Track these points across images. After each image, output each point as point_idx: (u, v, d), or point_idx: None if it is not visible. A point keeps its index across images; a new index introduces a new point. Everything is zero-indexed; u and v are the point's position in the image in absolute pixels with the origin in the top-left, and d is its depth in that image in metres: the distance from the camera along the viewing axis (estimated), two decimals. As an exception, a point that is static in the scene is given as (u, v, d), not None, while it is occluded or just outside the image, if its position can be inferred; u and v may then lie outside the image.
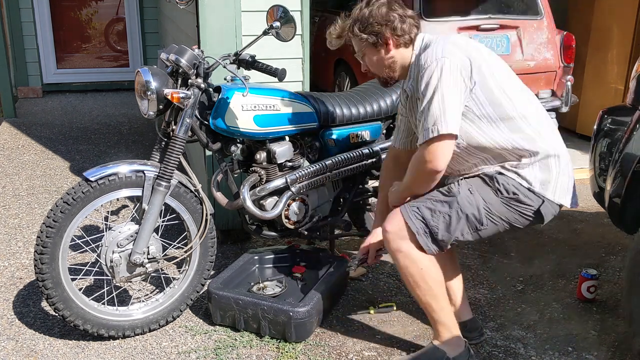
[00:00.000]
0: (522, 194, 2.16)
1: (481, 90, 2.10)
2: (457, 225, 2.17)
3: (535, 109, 2.23)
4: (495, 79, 2.13)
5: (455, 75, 2.06)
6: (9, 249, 3.43)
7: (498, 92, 2.13)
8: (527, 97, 2.21)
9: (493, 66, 2.15)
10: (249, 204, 2.68)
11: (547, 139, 2.19)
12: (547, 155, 2.18)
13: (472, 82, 2.09)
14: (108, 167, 2.46)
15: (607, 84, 5.42)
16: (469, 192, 2.17)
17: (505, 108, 2.13)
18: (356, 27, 2.24)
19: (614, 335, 2.65)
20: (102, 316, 2.53)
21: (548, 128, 2.23)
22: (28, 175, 4.63)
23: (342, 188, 3.08)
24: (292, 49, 3.37)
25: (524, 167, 2.16)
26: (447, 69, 2.06)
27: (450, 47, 2.10)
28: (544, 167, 2.17)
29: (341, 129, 2.96)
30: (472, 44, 2.20)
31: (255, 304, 2.56)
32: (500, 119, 2.14)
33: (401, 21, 2.19)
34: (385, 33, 2.19)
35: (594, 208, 4.07)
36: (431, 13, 4.86)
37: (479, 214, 2.16)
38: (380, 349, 2.55)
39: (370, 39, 2.23)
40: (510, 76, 2.21)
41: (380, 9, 2.19)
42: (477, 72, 2.10)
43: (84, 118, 6.45)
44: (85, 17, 7.93)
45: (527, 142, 2.15)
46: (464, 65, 2.08)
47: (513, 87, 2.18)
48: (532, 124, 2.17)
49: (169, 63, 2.53)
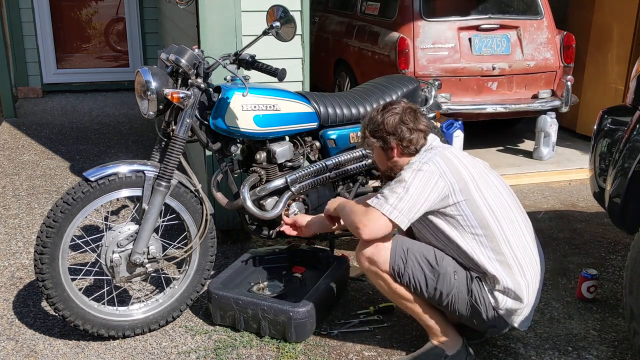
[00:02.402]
0: (484, 310, 2.25)
1: (468, 206, 2.19)
2: (429, 290, 2.26)
3: (525, 245, 2.27)
4: (485, 200, 2.21)
5: (429, 183, 2.16)
6: (9, 249, 3.43)
7: (487, 213, 2.21)
8: (519, 230, 2.27)
9: (483, 188, 2.22)
10: (249, 204, 2.68)
11: (526, 274, 2.24)
12: (521, 289, 2.23)
13: (453, 198, 2.18)
14: (108, 167, 2.46)
15: (607, 84, 5.42)
16: (453, 276, 2.25)
17: (492, 230, 2.21)
18: (368, 130, 2.39)
19: (614, 334, 2.65)
20: (102, 316, 2.53)
21: (530, 266, 2.27)
22: (28, 175, 4.63)
23: (342, 188, 3.08)
24: (292, 49, 3.36)
25: (498, 293, 2.24)
26: (423, 172, 2.17)
27: (439, 160, 2.20)
28: (517, 299, 2.25)
29: (341, 129, 2.96)
30: (467, 162, 2.26)
31: (255, 304, 2.56)
32: (485, 237, 2.21)
33: (409, 133, 2.30)
34: (392, 142, 2.32)
35: (594, 208, 4.07)
36: (431, 13, 4.86)
37: (447, 296, 2.26)
38: (380, 349, 2.55)
39: (378, 143, 2.36)
40: (504, 204, 2.26)
41: (392, 118, 2.31)
42: (463, 191, 2.18)
43: (84, 118, 6.45)
44: (85, 17, 7.93)
45: (504, 271, 2.21)
46: (442, 180, 2.17)
47: (505, 214, 2.25)
48: (517, 256, 2.23)
49: (169, 63, 2.53)
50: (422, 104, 3.31)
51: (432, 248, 2.28)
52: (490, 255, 2.21)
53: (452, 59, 4.81)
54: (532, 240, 2.31)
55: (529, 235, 2.31)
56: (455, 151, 2.29)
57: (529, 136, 5.69)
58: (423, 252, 2.26)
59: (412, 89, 3.18)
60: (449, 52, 4.81)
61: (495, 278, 2.21)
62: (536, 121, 5.05)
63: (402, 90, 3.14)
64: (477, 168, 2.27)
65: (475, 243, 2.22)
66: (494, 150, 5.37)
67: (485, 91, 4.95)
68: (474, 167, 2.26)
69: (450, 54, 4.81)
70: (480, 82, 4.92)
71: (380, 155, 2.40)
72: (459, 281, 2.24)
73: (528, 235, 2.30)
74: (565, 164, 4.98)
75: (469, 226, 2.21)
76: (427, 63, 4.76)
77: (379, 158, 2.42)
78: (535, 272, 2.28)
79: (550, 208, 4.14)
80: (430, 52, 4.77)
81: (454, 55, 4.82)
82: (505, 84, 4.98)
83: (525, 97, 5.04)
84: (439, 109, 3.50)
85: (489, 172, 2.33)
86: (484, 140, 5.60)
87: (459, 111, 4.77)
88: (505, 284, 2.21)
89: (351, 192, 3.07)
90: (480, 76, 4.89)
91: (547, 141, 5.02)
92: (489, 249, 2.21)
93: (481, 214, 2.19)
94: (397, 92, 3.11)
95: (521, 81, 5.02)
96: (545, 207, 4.16)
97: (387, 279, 2.29)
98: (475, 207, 2.19)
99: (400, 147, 2.32)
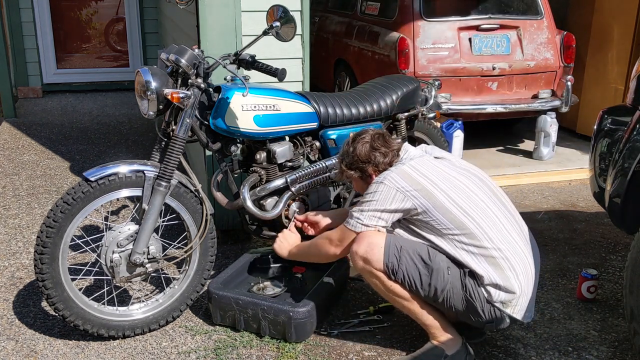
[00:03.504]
0: (480, 304, 2.26)
1: (438, 211, 2.24)
2: (424, 286, 2.28)
3: (507, 237, 2.28)
4: (454, 202, 2.24)
5: (386, 198, 2.25)
6: (9, 249, 3.43)
7: (458, 213, 2.23)
8: (499, 223, 2.28)
9: (449, 191, 2.25)
10: (249, 204, 2.68)
11: (514, 265, 2.25)
12: (510, 281, 2.24)
13: (419, 207, 2.23)
14: (108, 167, 2.45)
15: (607, 84, 5.42)
16: (446, 271, 2.26)
17: (470, 228, 2.23)
18: (344, 164, 2.47)
19: (615, 335, 2.65)
20: (102, 316, 2.53)
21: (517, 257, 2.28)
22: (28, 175, 4.63)
23: (342, 188, 3.08)
24: (292, 49, 3.36)
25: (490, 287, 2.26)
26: (381, 190, 2.27)
27: (393, 176, 2.27)
28: (508, 291, 2.26)
29: (341, 129, 2.96)
30: (426, 171, 2.29)
31: (255, 304, 2.56)
32: (464, 236, 2.24)
33: (383, 157, 2.39)
34: (368, 169, 2.41)
35: (594, 208, 4.07)
36: (431, 13, 4.86)
37: (442, 292, 2.27)
38: (380, 349, 2.55)
39: (357, 174, 2.45)
40: (476, 201, 2.28)
41: (363, 147, 2.40)
42: (427, 198, 2.23)
43: (84, 118, 6.45)
44: (85, 17, 7.93)
45: (490, 266, 2.23)
46: (399, 194, 2.24)
47: (480, 211, 2.27)
48: (501, 248, 2.24)
49: (169, 63, 2.53)
50: (422, 104, 3.31)
51: (426, 245, 2.30)
52: (474, 252, 2.23)
53: (452, 59, 4.82)
54: (515, 232, 2.32)
55: (510, 226, 2.32)
56: (414, 163, 2.33)
57: (529, 136, 5.69)
58: (416, 248, 2.28)
59: (412, 89, 3.18)
60: (449, 52, 4.81)
61: (481, 277, 2.23)
62: (536, 121, 5.05)
63: (402, 90, 3.14)
64: (440, 173, 2.30)
65: (456, 243, 2.25)
66: (494, 150, 5.37)
67: (485, 91, 4.95)
68: (435, 173, 2.29)
69: (450, 54, 4.81)
70: (480, 82, 4.92)
71: (359, 183, 2.49)
72: (452, 276, 2.26)
73: (510, 226, 2.31)
74: (565, 164, 4.98)
75: (445, 229, 2.24)
76: (427, 63, 4.76)
77: (359, 186, 2.51)
78: (523, 263, 2.28)
79: (550, 208, 4.14)
80: (430, 52, 4.77)
81: (454, 55, 4.82)
82: (505, 84, 4.98)
83: (525, 97, 5.04)
84: (439, 109, 3.50)
85: (458, 173, 2.35)
86: (484, 140, 5.60)
87: (459, 111, 4.77)
88: (492, 280, 2.22)
89: (351, 192, 3.07)
90: (480, 76, 4.89)
91: (547, 141, 5.02)
92: (471, 246, 2.23)
93: (453, 216, 2.23)
94: (397, 92, 3.11)
95: (521, 81, 5.02)
96: (545, 207, 4.16)
97: (382, 277, 2.30)
98: (444, 210, 2.23)
99: (378, 172, 2.39)
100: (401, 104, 3.13)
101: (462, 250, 2.25)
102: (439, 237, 2.27)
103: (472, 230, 2.23)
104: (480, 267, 2.23)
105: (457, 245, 2.25)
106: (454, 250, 2.25)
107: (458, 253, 2.25)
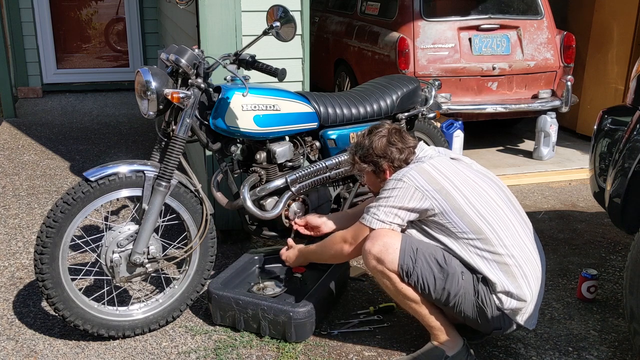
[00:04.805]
0: (490, 311, 2.26)
1: (455, 214, 2.21)
2: (437, 290, 2.25)
3: (521, 244, 2.27)
4: (472, 206, 2.22)
5: (405, 195, 2.22)
6: (9, 249, 3.43)
7: (476, 218, 2.21)
8: (513, 229, 2.27)
9: (468, 194, 2.23)
10: (249, 204, 2.68)
11: (526, 273, 2.25)
12: (522, 289, 2.24)
13: (437, 208, 2.21)
14: (108, 167, 2.45)
15: (607, 84, 5.42)
16: (460, 276, 2.24)
17: (485, 233, 2.21)
18: (357, 156, 2.42)
19: (615, 335, 2.65)
20: (102, 316, 2.53)
21: (529, 264, 2.27)
22: (28, 175, 4.63)
23: (342, 188, 3.08)
24: (292, 49, 3.36)
25: (501, 294, 2.25)
26: (400, 187, 2.23)
27: (413, 174, 2.24)
28: (519, 299, 2.25)
29: (341, 129, 2.96)
30: (446, 171, 2.27)
31: (255, 304, 2.56)
32: (479, 241, 2.22)
33: (399, 153, 2.35)
34: (383, 165, 2.37)
35: (594, 208, 4.08)
36: (431, 13, 4.86)
37: (455, 296, 2.25)
38: (380, 349, 2.54)
39: (370, 168, 2.41)
40: (493, 206, 2.27)
41: (380, 141, 2.36)
42: (446, 199, 2.21)
43: (84, 118, 6.45)
44: (85, 17, 7.93)
45: (503, 274, 2.22)
46: (418, 192, 2.21)
47: (497, 216, 2.25)
48: (515, 255, 2.23)
49: (169, 63, 2.53)
50: (422, 104, 3.31)
51: (440, 248, 2.27)
52: (488, 257, 2.21)
53: (452, 59, 4.82)
54: (528, 238, 2.31)
55: (524, 233, 2.30)
56: (435, 162, 2.30)
57: (529, 136, 5.69)
58: (432, 251, 2.25)
59: (412, 89, 3.18)
60: (449, 52, 4.81)
61: (494, 284, 2.22)
62: (536, 121, 5.06)
63: (402, 90, 3.14)
64: (460, 175, 2.28)
65: (470, 248, 2.23)
66: (494, 150, 5.37)
67: (485, 91, 4.96)
68: (455, 174, 2.27)
69: (450, 54, 4.81)
70: (480, 82, 4.92)
71: (371, 178, 2.45)
72: (466, 282, 2.23)
73: (523, 233, 2.30)
74: (565, 164, 4.98)
75: (460, 232, 2.22)
76: (427, 63, 4.76)
77: (371, 181, 2.47)
78: (535, 270, 2.28)
79: (551, 208, 4.14)
80: (431, 52, 4.77)
81: (454, 55, 4.82)
82: (505, 84, 4.98)
83: (525, 97, 5.04)
84: (439, 109, 3.50)
85: (476, 176, 2.33)
86: (484, 140, 5.60)
87: (459, 111, 4.77)
88: (505, 287, 2.21)
89: (351, 192, 3.07)
90: (480, 76, 4.89)
91: (547, 141, 5.02)
92: (485, 251, 2.21)
93: (470, 220, 2.20)
94: (397, 92, 3.11)
95: (521, 81, 5.02)
96: (545, 207, 4.16)
97: (394, 278, 2.27)
98: (462, 213, 2.21)
99: (392, 168, 2.36)
100: (401, 104, 3.13)
101: (476, 256, 2.22)
102: (453, 240, 2.24)
103: (487, 235, 2.20)
104: (493, 274, 2.21)
105: (471, 250, 2.22)
106: (467, 254, 2.23)
107: (471, 258, 2.22)
